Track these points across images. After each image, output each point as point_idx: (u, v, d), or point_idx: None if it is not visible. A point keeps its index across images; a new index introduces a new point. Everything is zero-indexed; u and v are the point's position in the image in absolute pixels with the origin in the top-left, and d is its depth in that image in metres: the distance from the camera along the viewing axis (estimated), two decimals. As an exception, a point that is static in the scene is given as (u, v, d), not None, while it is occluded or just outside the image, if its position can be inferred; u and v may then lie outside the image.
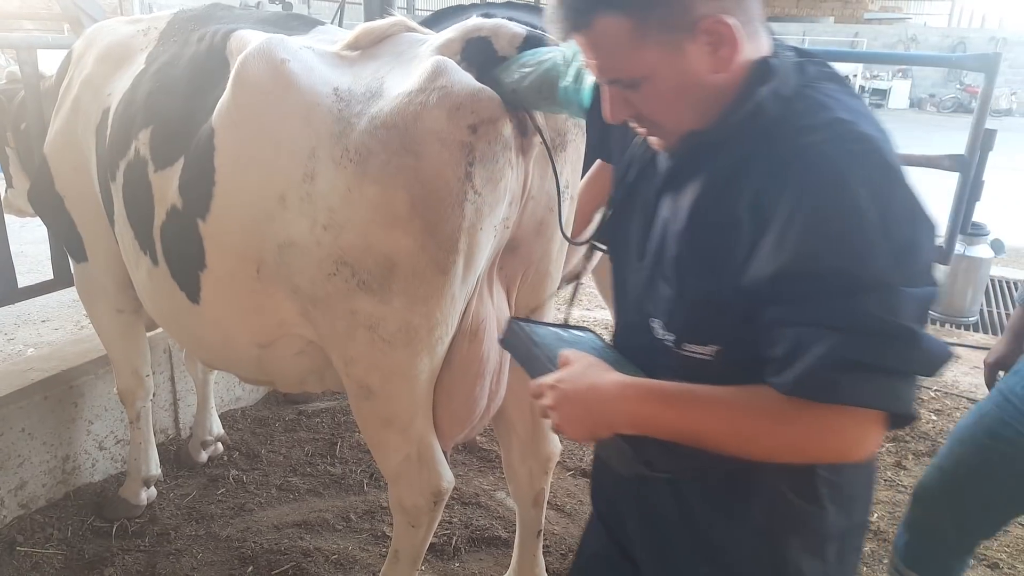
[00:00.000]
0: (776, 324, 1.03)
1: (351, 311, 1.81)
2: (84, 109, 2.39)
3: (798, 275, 1.00)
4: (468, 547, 2.88)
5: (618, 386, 1.13)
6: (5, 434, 2.77)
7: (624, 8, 1.07)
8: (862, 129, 1.04)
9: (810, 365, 0.98)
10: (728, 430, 1.07)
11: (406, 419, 1.95)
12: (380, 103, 1.68)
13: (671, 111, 1.15)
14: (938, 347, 1.00)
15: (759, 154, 1.08)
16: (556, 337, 1.37)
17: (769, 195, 1.04)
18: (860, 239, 0.98)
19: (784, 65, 1.13)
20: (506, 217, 1.82)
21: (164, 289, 2.15)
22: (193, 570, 2.71)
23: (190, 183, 1.94)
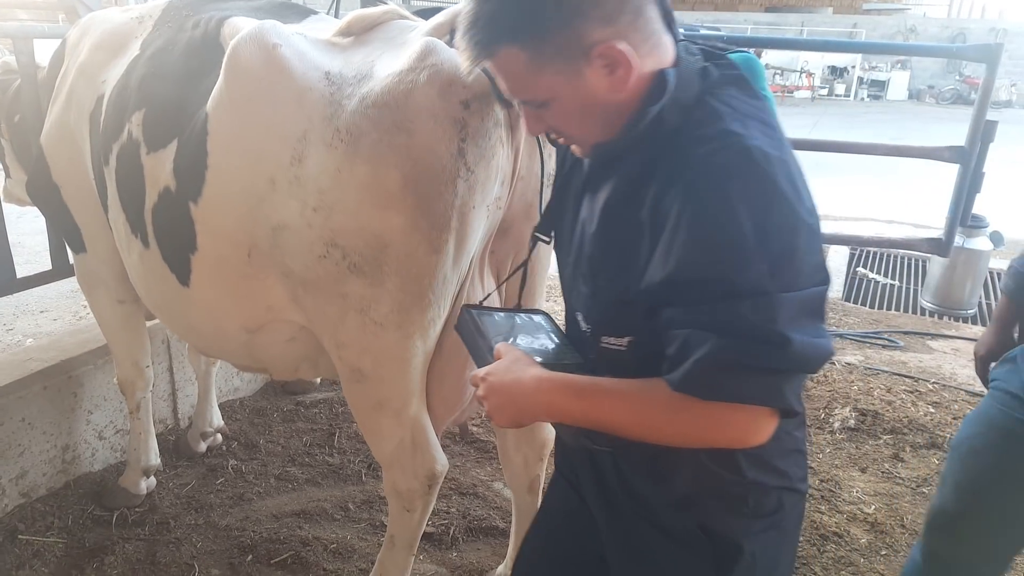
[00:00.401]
0: (669, 325, 1.12)
1: (342, 294, 1.82)
2: (78, 97, 2.39)
3: (683, 282, 1.09)
4: (466, 537, 2.90)
5: (535, 380, 1.24)
6: (5, 424, 2.78)
7: (520, 41, 1.13)
8: (748, 142, 1.09)
9: (693, 365, 1.08)
10: (631, 420, 1.18)
11: (399, 403, 1.97)
12: (371, 83, 1.69)
13: (579, 127, 1.23)
14: (814, 347, 1.07)
15: (660, 162, 1.15)
16: (507, 324, 1.46)
17: (664, 203, 1.11)
18: (735, 250, 1.05)
19: (686, 73, 1.18)
20: (498, 197, 1.83)
21: (155, 272, 2.16)
22: (193, 559, 2.72)
23: (183, 166, 1.95)
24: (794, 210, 1.08)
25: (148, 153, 2.05)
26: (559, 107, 1.19)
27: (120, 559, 2.69)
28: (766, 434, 1.13)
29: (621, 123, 1.20)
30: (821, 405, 3.97)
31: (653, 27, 1.16)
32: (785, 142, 1.15)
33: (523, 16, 1.12)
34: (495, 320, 1.45)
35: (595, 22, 1.11)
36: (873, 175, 10.02)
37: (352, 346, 1.91)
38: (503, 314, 1.50)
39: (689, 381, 1.09)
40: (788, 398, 1.10)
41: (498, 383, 1.27)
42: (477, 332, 1.41)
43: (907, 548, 2.89)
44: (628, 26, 1.12)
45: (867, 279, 6.07)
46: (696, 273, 1.08)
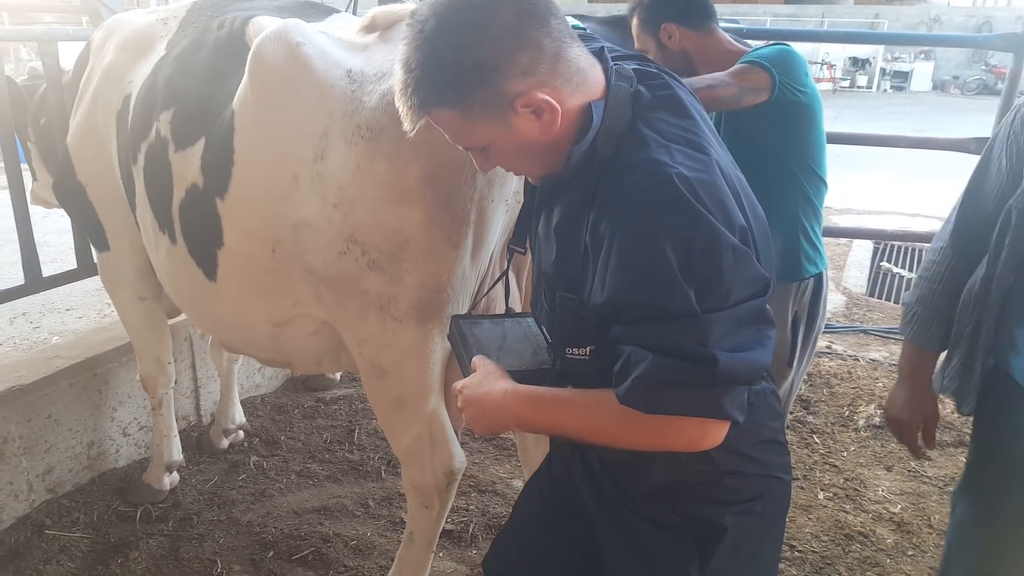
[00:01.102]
0: (615, 341, 1.19)
1: (362, 291, 1.83)
2: (104, 98, 2.42)
3: (618, 305, 1.16)
4: (485, 534, 2.90)
5: (502, 393, 1.32)
6: (32, 420, 2.82)
7: (448, 103, 1.21)
8: (670, 171, 1.14)
9: (633, 381, 1.15)
10: (589, 429, 1.27)
11: (418, 399, 1.98)
12: (391, 81, 1.70)
13: (521, 166, 1.32)
14: (743, 362, 1.14)
15: (596, 191, 1.21)
16: (499, 330, 1.53)
17: (599, 228, 1.18)
18: (661, 277, 1.11)
19: (616, 101, 1.24)
20: (517, 191, 1.83)
21: (182, 267, 2.18)
22: (215, 554, 2.75)
23: (210, 162, 1.98)
24: (717, 233, 1.12)
25: (176, 151, 2.08)
26: (497, 151, 1.27)
27: (144, 554, 2.72)
28: (716, 439, 1.20)
29: (558, 157, 1.26)
30: (846, 403, 3.93)
31: (576, 66, 1.22)
32: (713, 162, 1.20)
33: (446, 82, 1.19)
34: (484, 328, 1.53)
35: (513, 77, 1.17)
36: (897, 168, 9.90)
37: (372, 342, 1.92)
38: (492, 321, 1.57)
39: (632, 396, 1.16)
40: (726, 409, 1.15)
41: (472, 395, 1.36)
42: (462, 343, 1.49)
43: (935, 548, 2.85)
44: (547, 74, 1.19)
45: (891, 274, 5.99)
46: (628, 298, 1.15)
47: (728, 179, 1.22)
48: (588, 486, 1.47)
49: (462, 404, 1.39)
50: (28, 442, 2.82)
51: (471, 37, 1.17)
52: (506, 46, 1.16)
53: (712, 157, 1.21)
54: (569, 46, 1.22)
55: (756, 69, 2.31)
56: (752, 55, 2.43)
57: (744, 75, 2.31)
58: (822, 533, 2.92)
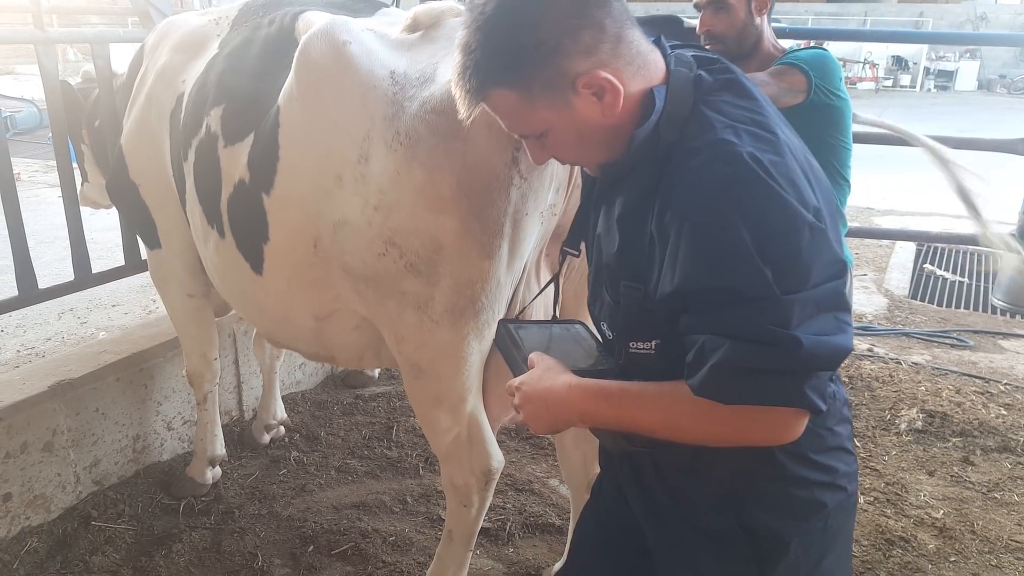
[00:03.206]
0: (686, 331, 1.15)
1: (401, 291, 1.85)
2: (158, 99, 2.48)
3: (690, 292, 1.12)
4: (522, 533, 2.90)
5: (566, 387, 1.29)
6: (80, 413, 2.90)
7: (508, 84, 1.19)
8: (739, 149, 1.10)
9: (710, 370, 1.10)
10: (660, 423, 1.21)
11: (455, 398, 1.99)
12: (432, 88, 1.72)
13: (578, 152, 1.29)
14: (827, 346, 1.09)
15: (661, 177, 1.18)
16: (542, 335, 1.52)
17: (666, 216, 1.15)
18: (736, 260, 1.07)
19: (678, 86, 1.21)
20: (552, 204, 1.84)
21: (230, 261, 2.22)
22: (256, 548, 2.79)
23: (257, 158, 2.01)
24: (794, 211, 1.09)
25: (225, 146, 2.12)
26: (556, 137, 1.25)
27: (187, 547, 2.77)
28: (796, 431, 1.15)
29: (620, 143, 1.24)
30: (887, 406, 3.86)
31: (637, 49, 1.21)
32: (783, 142, 1.17)
33: (506, 62, 1.18)
34: (531, 332, 1.52)
35: (574, 56, 1.16)
36: (941, 169, 9.67)
37: (410, 341, 1.94)
38: (539, 326, 1.56)
39: (708, 386, 1.12)
40: (810, 397, 1.10)
41: (532, 391, 1.32)
42: (512, 344, 1.48)
43: (977, 555, 2.79)
44: (609, 54, 1.18)
45: (935, 276, 5.87)
46: (701, 283, 1.11)
47: (798, 159, 1.18)
48: (640, 498, 1.43)
49: (520, 401, 1.34)
50: (76, 435, 2.89)
51: (532, 17, 1.16)
52: (568, 25, 1.15)
53: (780, 137, 1.17)
54: (630, 29, 1.21)
55: (794, 71, 2.36)
56: (790, 57, 2.45)
57: (783, 76, 2.36)
58: (863, 538, 2.88)
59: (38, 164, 9.13)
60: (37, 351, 4.03)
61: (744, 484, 1.28)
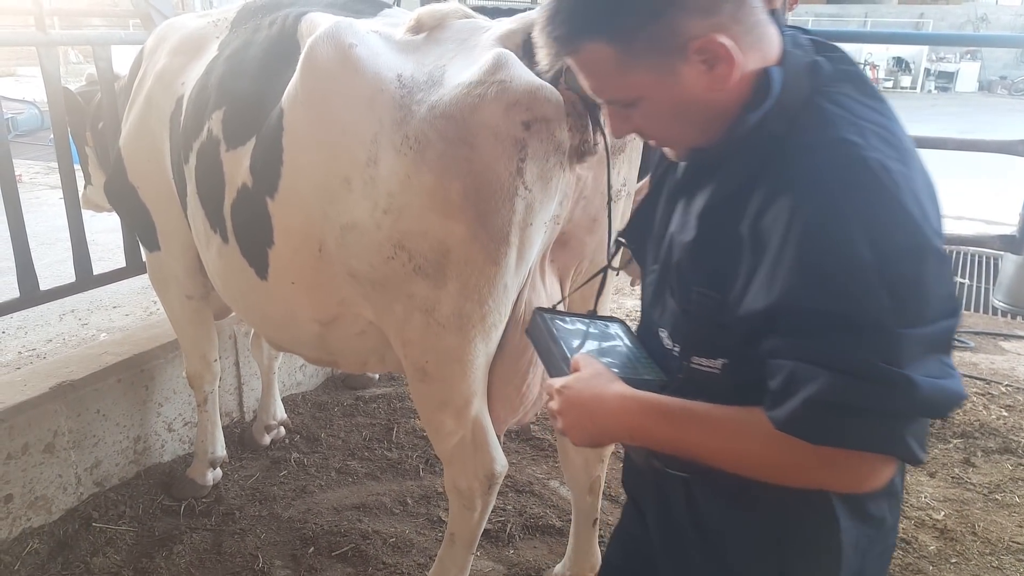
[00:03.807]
0: (772, 354, 1.00)
1: (408, 295, 1.85)
2: (157, 101, 2.47)
3: (789, 311, 0.97)
4: (522, 534, 2.90)
5: (619, 398, 1.14)
6: (81, 415, 2.90)
7: (608, 35, 1.03)
8: (866, 153, 0.96)
9: (802, 405, 0.95)
10: (724, 452, 1.07)
11: (460, 402, 1.99)
12: (440, 92, 1.71)
13: (670, 130, 1.12)
14: (942, 391, 0.95)
15: (763, 172, 1.03)
16: (579, 331, 1.37)
17: (766, 219, 1.00)
18: (851, 280, 0.93)
19: (793, 70, 1.06)
20: (556, 215, 1.83)
21: (234, 266, 2.21)
22: (257, 549, 2.79)
23: (260, 162, 2.00)
24: (920, 233, 0.95)
25: (228, 150, 2.11)
26: (649, 107, 1.08)
27: (188, 548, 2.77)
28: (881, 481, 1.01)
29: (719, 127, 1.08)
30: (887, 407, 3.86)
31: (757, 17, 1.04)
32: (910, 151, 1.02)
33: (611, 7, 1.01)
34: (567, 326, 1.37)
35: (693, 13, 1.00)
36: (942, 170, 9.67)
37: (416, 345, 1.93)
38: (575, 320, 1.41)
39: (796, 422, 0.97)
40: (910, 445, 0.96)
41: (576, 398, 1.17)
42: (550, 338, 1.32)
43: (978, 557, 2.79)
44: (729, 17, 1.01)
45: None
46: (805, 303, 0.95)
47: (924, 175, 1.03)
48: (663, 529, 1.29)
49: (560, 407, 1.19)
50: (77, 436, 2.89)
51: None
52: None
53: (908, 147, 1.03)
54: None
55: None
56: None
57: None
58: (864, 540, 2.87)
59: (40, 166, 9.15)
60: (38, 352, 4.04)
61: (792, 529, 1.14)
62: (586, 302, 2.14)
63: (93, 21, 6.70)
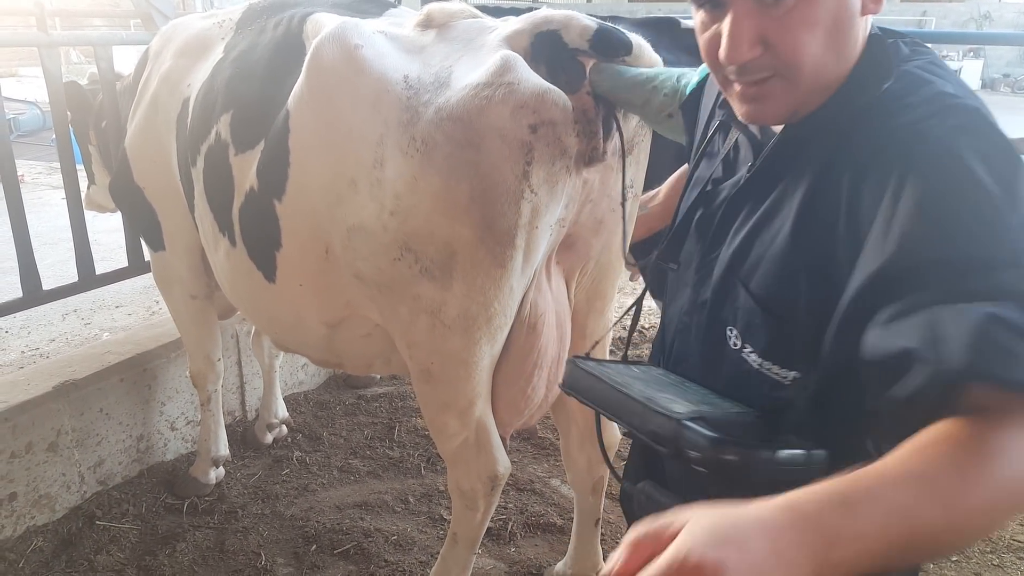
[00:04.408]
0: (891, 326, 0.82)
1: (414, 296, 1.85)
2: (163, 103, 2.47)
3: (910, 267, 0.83)
4: (524, 532, 2.91)
5: (773, 526, 0.72)
6: (85, 414, 2.91)
7: None
8: (968, 103, 0.93)
9: (974, 337, 0.75)
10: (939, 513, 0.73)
11: (464, 404, 1.99)
12: (447, 93, 1.69)
13: (812, 51, 0.96)
14: None
15: (850, 147, 0.96)
16: (629, 376, 1.19)
17: (862, 193, 0.91)
18: (985, 216, 0.83)
19: (880, 43, 1.03)
20: (562, 217, 1.83)
21: (241, 269, 2.21)
22: (260, 547, 2.80)
23: (267, 164, 2.00)
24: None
25: (236, 154, 2.11)
26: (808, 10, 0.93)
27: (191, 546, 2.79)
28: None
29: (832, 83, 1.00)
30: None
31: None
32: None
33: None
34: (616, 373, 1.18)
35: None
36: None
37: (422, 346, 1.94)
38: (616, 367, 1.25)
39: (982, 359, 0.74)
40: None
41: (713, 558, 0.69)
42: (598, 381, 1.14)
43: (979, 555, 2.79)
44: None
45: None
46: (935, 253, 0.83)
47: None
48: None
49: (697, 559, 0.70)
50: (80, 435, 2.91)
51: None
52: None
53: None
54: None
55: None
56: None
57: None
58: (864, 538, 2.88)
59: (42, 166, 9.16)
60: (42, 352, 4.06)
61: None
62: (591, 302, 2.14)
63: (95, 21, 6.72)
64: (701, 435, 0.93)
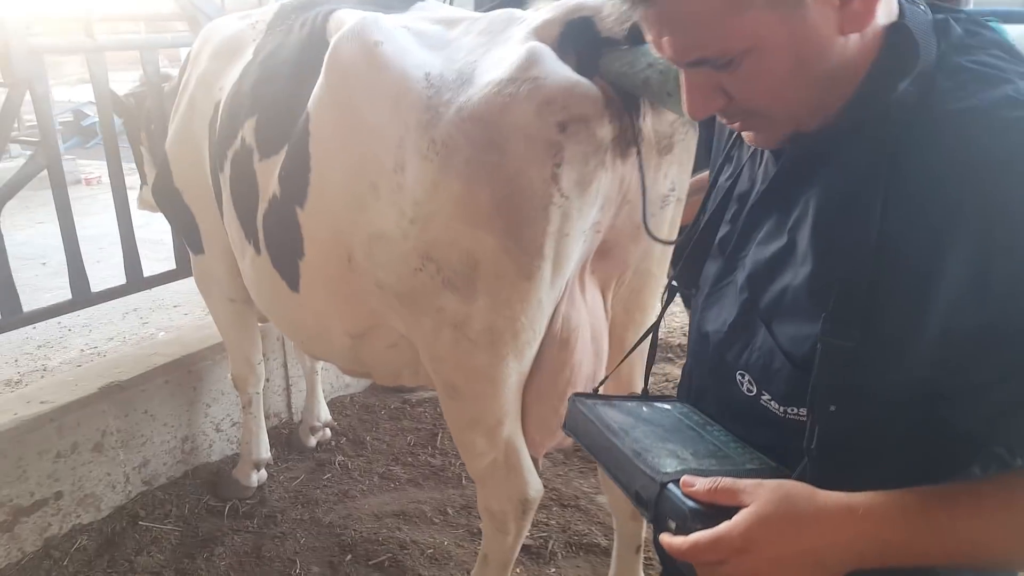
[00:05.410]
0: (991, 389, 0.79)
1: (437, 308, 1.76)
2: (199, 106, 2.46)
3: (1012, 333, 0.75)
4: (565, 552, 2.81)
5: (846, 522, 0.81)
6: (130, 415, 2.94)
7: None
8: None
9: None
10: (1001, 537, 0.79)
11: (492, 422, 1.90)
12: (469, 91, 1.58)
13: (780, 95, 0.87)
14: None
15: (896, 158, 0.82)
16: (636, 421, 1.07)
17: (917, 220, 0.79)
18: None
19: (920, 25, 0.86)
20: (597, 221, 1.70)
21: (266, 278, 2.18)
22: (296, 555, 2.78)
23: (289, 170, 1.95)
24: None
25: (260, 160, 2.07)
26: (759, 63, 0.83)
27: (229, 550, 2.78)
28: None
29: (836, 96, 0.87)
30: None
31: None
32: None
33: None
34: (619, 416, 1.07)
35: None
36: None
37: (447, 361, 1.85)
38: (625, 406, 1.12)
39: None
40: None
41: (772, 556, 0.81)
42: (604, 427, 1.03)
43: None
44: None
45: None
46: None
47: None
48: None
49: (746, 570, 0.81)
50: (125, 436, 2.94)
51: None
52: None
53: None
54: None
55: None
56: None
57: None
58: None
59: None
60: (100, 351, 4.15)
61: None
62: (630, 313, 2.02)
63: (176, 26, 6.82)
64: (680, 503, 0.85)
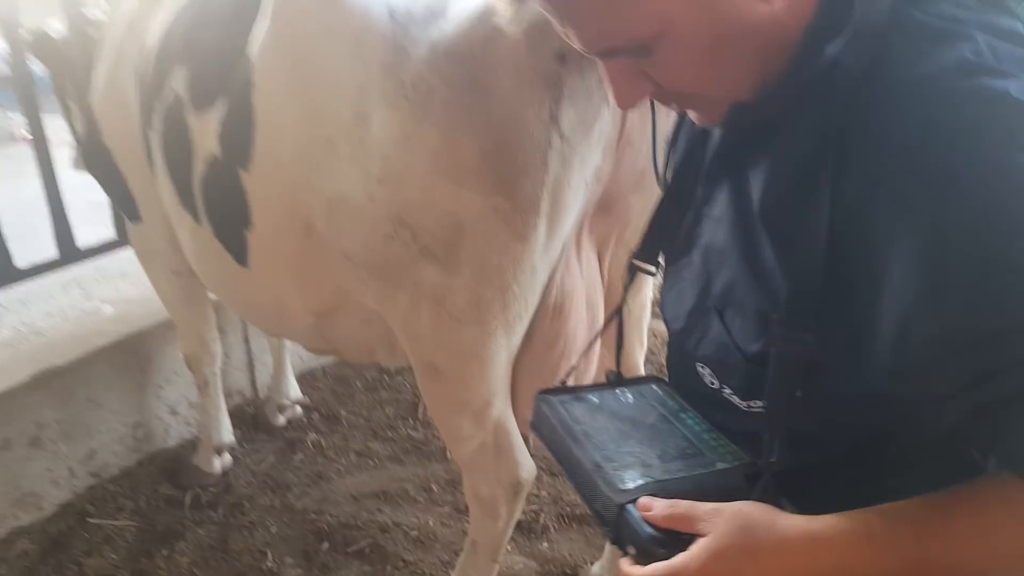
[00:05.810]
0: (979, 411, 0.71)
1: (414, 281, 1.52)
2: (126, 52, 2.14)
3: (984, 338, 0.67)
4: (558, 525, 2.63)
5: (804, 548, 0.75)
6: (69, 404, 2.66)
7: None
8: (1001, 84, 0.66)
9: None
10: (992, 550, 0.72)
11: (479, 404, 1.69)
12: (443, 25, 1.35)
13: (705, 76, 0.79)
14: None
15: (843, 135, 0.73)
16: (606, 416, 0.95)
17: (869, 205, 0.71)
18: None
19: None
20: (598, 168, 1.47)
21: (209, 251, 1.92)
22: (267, 545, 2.55)
23: (229, 126, 1.68)
24: None
25: (194, 114, 1.79)
26: (675, 47, 0.76)
27: (191, 545, 2.54)
28: None
29: (772, 66, 0.78)
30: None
31: None
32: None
33: None
34: (588, 415, 0.96)
35: None
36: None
37: (427, 340, 1.63)
38: (596, 394, 1.01)
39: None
40: None
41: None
42: (569, 435, 0.91)
43: None
44: None
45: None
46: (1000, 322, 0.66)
47: None
48: None
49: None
50: (66, 426, 2.66)
51: None
52: None
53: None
54: None
55: None
56: None
57: None
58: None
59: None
60: (37, 329, 3.81)
61: None
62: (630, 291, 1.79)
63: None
64: (638, 529, 0.79)
